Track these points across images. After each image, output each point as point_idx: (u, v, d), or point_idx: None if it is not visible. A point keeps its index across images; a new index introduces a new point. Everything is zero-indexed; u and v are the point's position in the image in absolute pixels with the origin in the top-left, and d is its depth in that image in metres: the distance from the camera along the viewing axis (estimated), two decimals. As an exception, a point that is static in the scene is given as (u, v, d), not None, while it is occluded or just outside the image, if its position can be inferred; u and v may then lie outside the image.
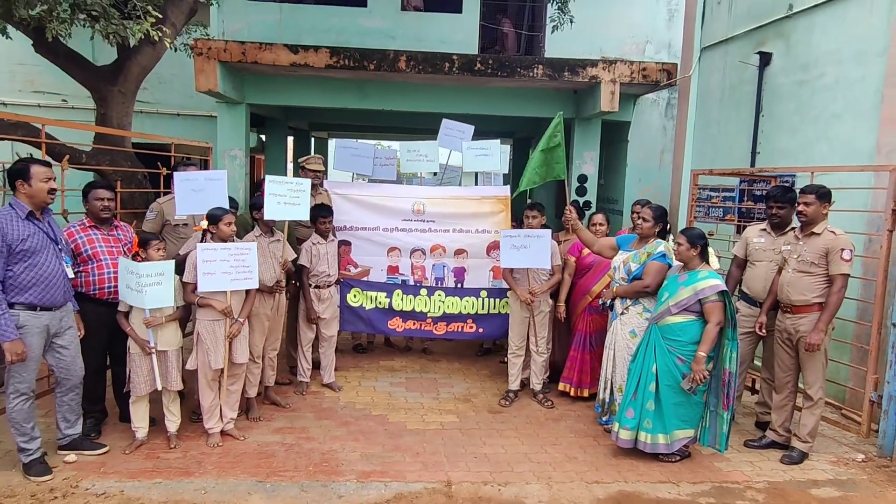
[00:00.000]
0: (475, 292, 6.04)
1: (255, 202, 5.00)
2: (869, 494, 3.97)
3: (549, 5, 8.95)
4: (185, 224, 5.00)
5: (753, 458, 4.45)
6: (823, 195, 4.32)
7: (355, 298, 5.94)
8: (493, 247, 6.00)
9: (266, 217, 4.75)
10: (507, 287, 5.56)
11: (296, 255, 5.23)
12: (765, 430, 4.72)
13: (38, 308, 3.66)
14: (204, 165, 8.64)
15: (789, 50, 6.36)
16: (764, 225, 4.80)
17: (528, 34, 11.76)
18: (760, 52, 6.68)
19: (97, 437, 4.34)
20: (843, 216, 4.98)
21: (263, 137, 13.46)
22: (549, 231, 5.22)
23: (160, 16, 5.54)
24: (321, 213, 5.34)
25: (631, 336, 4.65)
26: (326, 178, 6.04)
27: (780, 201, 4.62)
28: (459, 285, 6.15)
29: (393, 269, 6.15)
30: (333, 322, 5.60)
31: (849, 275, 4.20)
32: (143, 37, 5.31)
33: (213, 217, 4.35)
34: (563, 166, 5.38)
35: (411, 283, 6.13)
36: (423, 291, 6.02)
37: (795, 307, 4.36)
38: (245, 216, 5.59)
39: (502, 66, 8.90)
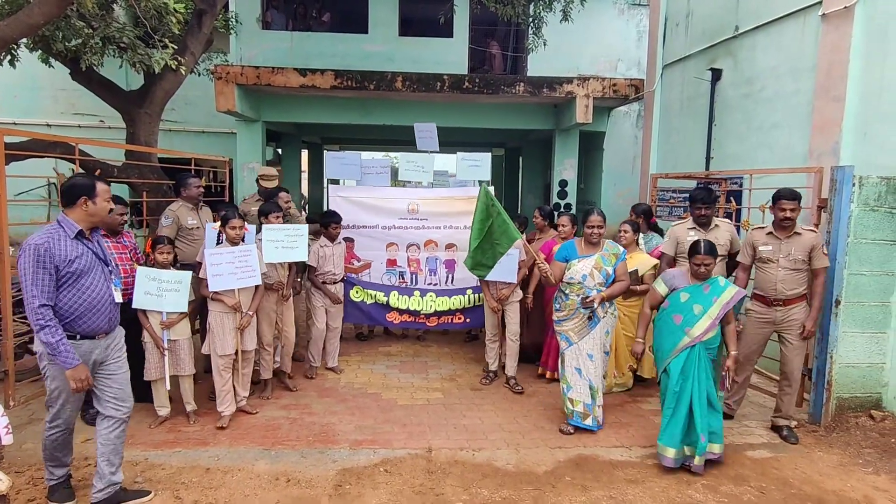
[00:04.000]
0: (462, 291, 6.14)
1: (264, 209, 5.00)
2: (796, 455, 4.10)
3: (528, 31, 9.11)
4: (198, 227, 5.17)
5: (700, 426, 4.59)
6: (799, 198, 4.25)
7: (357, 294, 6.04)
8: None
9: (265, 261, 4.69)
10: None
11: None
12: None
13: (79, 336, 3.05)
14: (214, 176, 8.90)
15: (736, 66, 6.50)
16: (690, 224, 4.81)
17: (513, 55, 11.92)
18: (712, 69, 6.83)
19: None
20: (781, 213, 5.12)
21: (280, 151, 13.67)
22: (517, 252, 5.19)
23: (176, 47, 5.73)
24: (333, 219, 5.46)
25: (606, 335, 4.48)
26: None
27: (707, 202, 4.68)
28: (450, 276, 6.37)
29: (391, 262, 6.36)
30: (339, 314, 5.69)
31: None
32: (165, 65, 5.51)
33: (223, 219, 4.46)
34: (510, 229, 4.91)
35: (408, 273, 6.33)
36: (417, 293, 6.11)
37: (788, 300, 4.30)
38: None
39: (488, 84, 9.09)
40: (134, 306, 4.18)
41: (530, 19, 8.53)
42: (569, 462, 3.97)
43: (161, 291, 4.17)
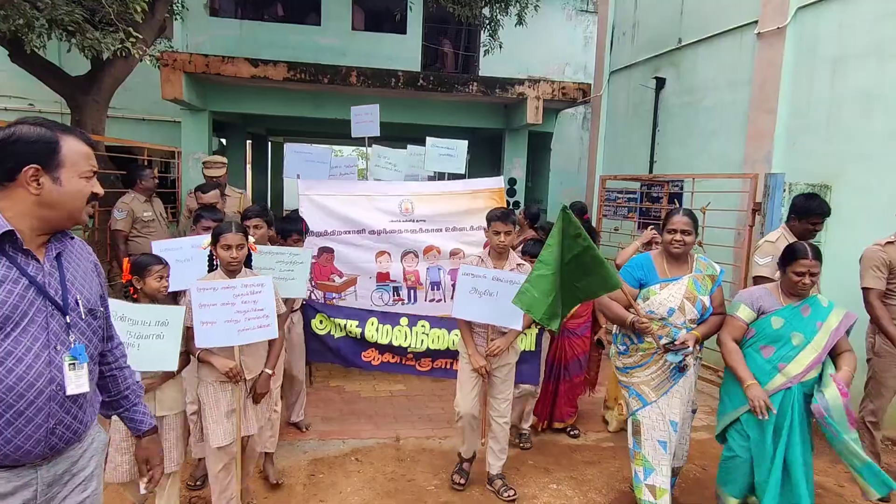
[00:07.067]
0: None
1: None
2: (733, 436, 4.52)
3: (481, 31, 9.38)
4: (154, 220, 5.09)
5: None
6: None
7: (321, 325, 4.46)
8: None
9: None
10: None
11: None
12: None
13: None
14: (166, 168, 8.67)
15: (679, 76, 6.96)
16: (791, 237, 3.71)
17: (465, 54, 12.16)
18: (656, 77, 7.27)
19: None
20: (719, 215, 5.57)
21: (224, 141, 13.35)
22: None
23: (140, 35, 5.59)
24: (297, 227, 4.12)
25: (695, 392, 3.35)
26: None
27: (827, 217, 3.82)
28: None
29: (383, 276, 5.11)
30: (300, 351, 4.22)
31: None
32: (116, 50, 5.36)
33: (214, 234, 2.96)
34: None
35: (404, 289, 5.19)
36: (404, 321, 4.50)
37: None
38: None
39: (442, 82, 9.28)
40: None
41: (487, 21, 8.78)
42: (530, 447, 4.23)
43: (134, 339, 2.60)
